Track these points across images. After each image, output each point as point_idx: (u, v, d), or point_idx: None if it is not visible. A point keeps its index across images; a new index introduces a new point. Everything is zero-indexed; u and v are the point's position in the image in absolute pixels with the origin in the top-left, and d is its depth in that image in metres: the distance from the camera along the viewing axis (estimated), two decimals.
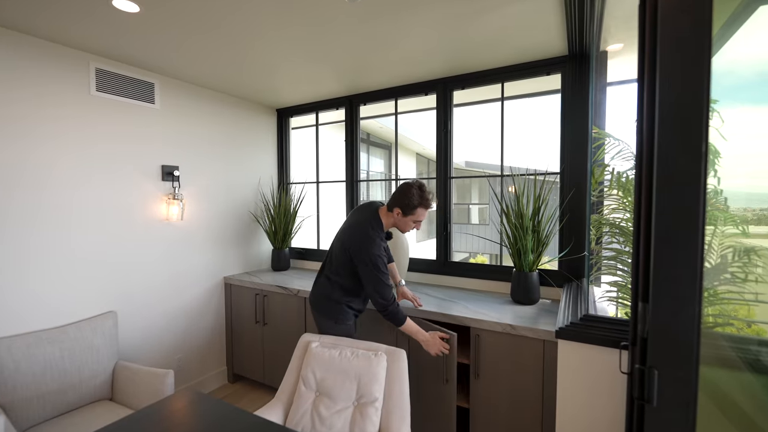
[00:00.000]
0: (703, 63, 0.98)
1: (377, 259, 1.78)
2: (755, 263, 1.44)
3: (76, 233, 2.13)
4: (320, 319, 1.98)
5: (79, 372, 1.97)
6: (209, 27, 1.85)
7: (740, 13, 1.25)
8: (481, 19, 1.79)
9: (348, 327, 1.98)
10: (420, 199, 1.83)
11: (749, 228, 1.44)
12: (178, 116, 2.63)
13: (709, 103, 1.00)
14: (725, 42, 1.24)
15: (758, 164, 1.27)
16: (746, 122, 1.24)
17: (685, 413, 1.03)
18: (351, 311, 1.98)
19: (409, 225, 1.90)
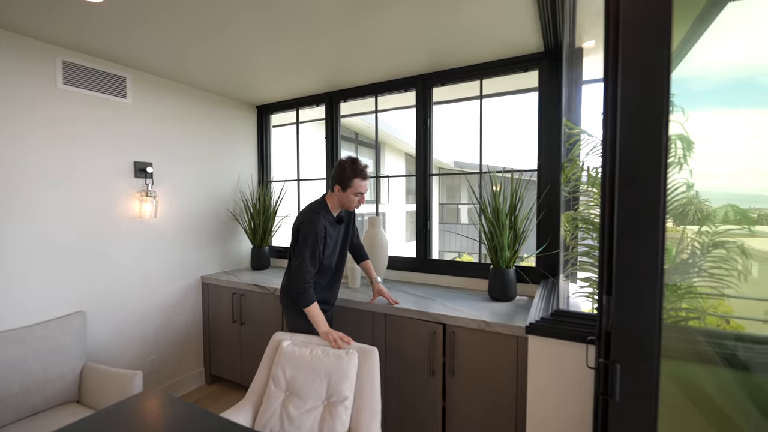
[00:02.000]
0: (663, 59, 0.98)
1: (316, 236, 1.80)
2: (729, 258, 1.45)
3: (45, 231, 2.06)
4: (286, 313, 1.99)
5: (44, 373, 1.91)
6: (179, 19, 1.80)
7: (707, 12, 1.25)
8: (458, 12, 1.77)
9: (308, 325, 1.91)
10: (353, 171, 1.86)
11: (728, 227, 1.45)
12: (152, 112, 2.57)
13: (669, 99, 1.00)
14: (694, 43, 1.24)
15: (738, 165, 1.28)
16: (725, 125, 1.25)
17: (646, 407, 1.02)
18: (318, 299, 1.93)
19: (351, 199, 1.90)
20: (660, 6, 0.98)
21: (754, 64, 1.14)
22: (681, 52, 1.20)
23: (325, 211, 1.92)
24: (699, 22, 1.23)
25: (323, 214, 1.88)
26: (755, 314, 1.46)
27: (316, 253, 1.83)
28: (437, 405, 1.95)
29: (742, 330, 1.40)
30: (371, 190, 8.06)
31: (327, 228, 1.87)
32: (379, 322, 2.13)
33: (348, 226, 2.12)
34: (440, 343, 1.93)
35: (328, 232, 1.89)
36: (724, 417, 1.18)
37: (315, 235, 1.81)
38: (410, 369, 2.03)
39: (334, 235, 1.97)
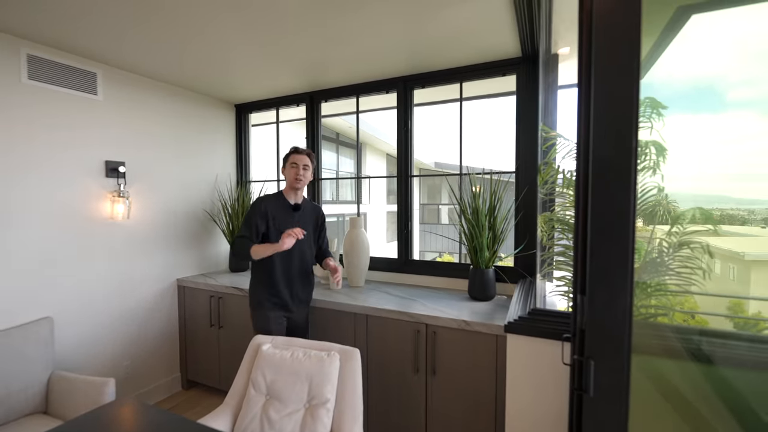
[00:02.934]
0: (632, 65, 1.02)
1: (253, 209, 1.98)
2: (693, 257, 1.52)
3: (8, 233, 1.95)
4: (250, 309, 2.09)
5: (6, 384, 1.81)
6: (155, 13, 1.75)
7: (674, 23, 1.31)
8: (437, 16, 1.79)
9: (264, 317, 1.99)
10: (289, 150, 2.08)
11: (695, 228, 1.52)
12: (125, 109, 2.48)
13: (638, 102, 1.04)
14: (661, 52, 1.30)
15: (701, 168, 1.35)
16: (688, 129, 1.31)
17: (618, 402, 1.06)
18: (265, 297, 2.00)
19: (290, 172, 2.03)
20: (630, 14, 1.02)
21: (713, 74, 1.20)
22: (650, 59, 1.25)
23: (276, 196, 2.06)
24: (666, 31, 1.28)
25: (270, 196, 2.06)
26: (718, 310, 1.55)
27: (250, 220, 1.95)
28: (421, 403, 1.96)
29: (707, 325, 1.48)
30: (353, 190, 8.02)
31: (269, 207, 1.99)
32: (360, 323, 2.13)
33: (315, 221, 2.18)
34: (423, 341, 1.94)
35: (270, 210, 1.99)
36: (691, 408, 1.24)
37: (253, 207, 2.00)
38: (393, 369, 2.03)
39: (283, 218, 2.02)
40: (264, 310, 2.00)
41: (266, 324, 1.98)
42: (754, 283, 1.42)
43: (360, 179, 3.12)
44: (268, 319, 1.99)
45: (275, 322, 2.00)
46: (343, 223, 10.18)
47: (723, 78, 1.28)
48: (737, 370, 1.18)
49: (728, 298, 1.49)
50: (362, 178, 3.17)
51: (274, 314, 2.01)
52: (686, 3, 1.33)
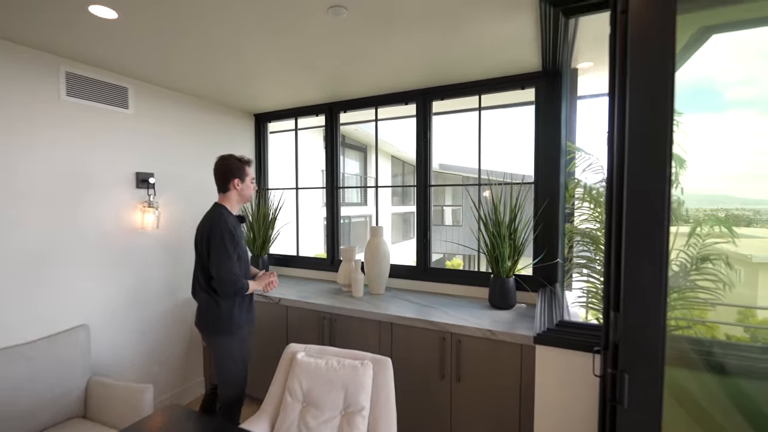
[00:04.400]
0: (667, 85, 1.06)
1: (225, 233, 1.82)
2: (714, 270, 1.58)
3: (48, 243, 2.03)
4: (213, 338, 1.90)
5: (51, 390, 1.89)
6: (187, 33, 1.81)
7: (694, 41, 1.36)
8: (461, 37, 1.85)
9: (240, 340, 1.93)
10: (239, 161, 1.98)
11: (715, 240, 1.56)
12: (153, 121, 2.55)
13: (673, 123, 1.09)
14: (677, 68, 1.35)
15: (704, 167, 1.39)
16: (690, 128, 1.34)
17: (652, 413, 1.12)
18: (242, 317, 1.93)
19: (250, 187, 2.01)
20: (665, 30, 1.05)
21: (713, 73, 1.25)
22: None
23: (227, 212, 1.93)
24: (685, 50, 1.34)
25: (225, 214, 1.91)
26: (729, 317, 1.59)
27: (234, 246, 1.84)
28: (446, 409, 2.03)
29: (732, 338, 1.53)
30: (358, 192, 8.06)
31: (234, 226, 1.90)
32: (385, 331, 2.19)
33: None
34: (448, 349, 2.01)
35: (235, 229, 1.90)
36: (712, 420, 1.30)
37: (227, 231, 1.82)
38: (418, 375, 2.10)
39: (240, 235, 1.97)
40: (241, 333, 1.94)
41: (241, 347, 1.94)
42: (762, 286, 1.46)
43: (378, 188, 3.19)
44: (242, 341, 1.96)
45: (246, 342, 2.00)
46: (350, 225, 10.26)
47: (722, 77, 1.33)
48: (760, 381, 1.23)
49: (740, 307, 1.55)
50: (380, 187, 3.24)
51: (246, 330, 1.99)
52: (708, 23, 1.39)
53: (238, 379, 1.96)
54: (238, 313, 1.91)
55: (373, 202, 11.06)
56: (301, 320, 2.50)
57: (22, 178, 1.93)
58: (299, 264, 3.29)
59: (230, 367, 1.92)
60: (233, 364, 1.92)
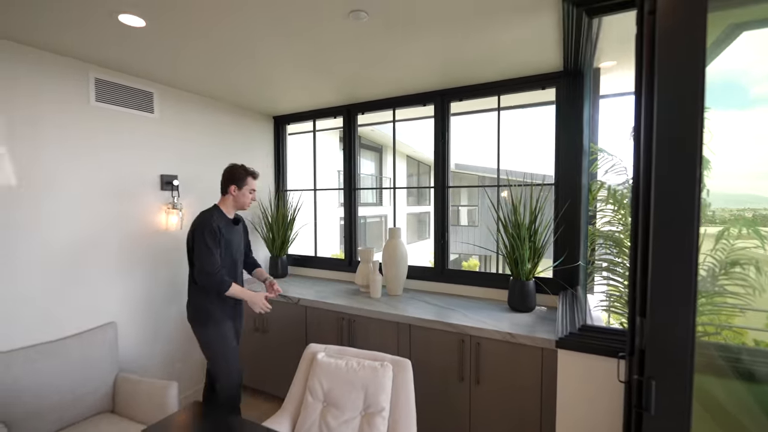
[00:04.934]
0: (697, 85, 1.03)
1: (206, 231, 1.92)
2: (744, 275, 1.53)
3: (77, 243, 2.11)
4: (193, 328, 2.05)
5: (80, 385, 1.96)
6: (209, 39, 1.86)
7: (724, 38, 1.32)
8: (481, 39, 1.85)
9: (218, 330, 2.00)
10: (245, 171, 2.10)
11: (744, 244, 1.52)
12: (177, 125, 2.62)
13: (703, 125, 1.06)
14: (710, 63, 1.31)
15: (730, 165, 1.34)
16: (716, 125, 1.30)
17: (680, 421, 1.10)
18: (217, 309, 2.01)
19: (247, 196, 2.11)
20: (695, 30, 1.02)
21: (739, 68, 1.20)
22: None
23: (218, 213, 2.04)
24: (714, 46, 1.30)
25: (215, 214, 2.02)
26: (758, 323, 1.54)
27: (214, 243, 1.93)
28: (465, 411, 2.02)
29: (762, 343, 1.48)
30: (376, 194, 8.09)
31: (220, 226, 1.98)
32: (404, 332, 2.20)
33: (245, 232, 2.29)
34: (468, 351, 2.00)
35: (222, 229, 1.98)
36: (738, 426, 1.26)
37: (210, 228, 1.92)
38: (436, 377, 2.10)
39: (231, 236, 2.05)
40: (218, 324, 2.01)
41: (224, 340, 2.01)
42: None
43: (395, 189, 3.20)
44: (225, 334, 2.02)
45: (230, 336, 2.06)
46: (365, 225, 10.30)
47: (749, 73, 1.28)
48: None
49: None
50: (398, 188, 3.24)
51: (227, 326, 2.06)
52: (739, 21, 1.35)
53: (224, 373, 2.02)
54: (213, 308, 2.01)
55: (388, 202, 11.11)
56: (319, 320, 2.53)
57: (54, 182, 2.01)
58: (317, 264, 3.33)
59: (213, 357, 2.02)
60: (214, 354, 2.02)
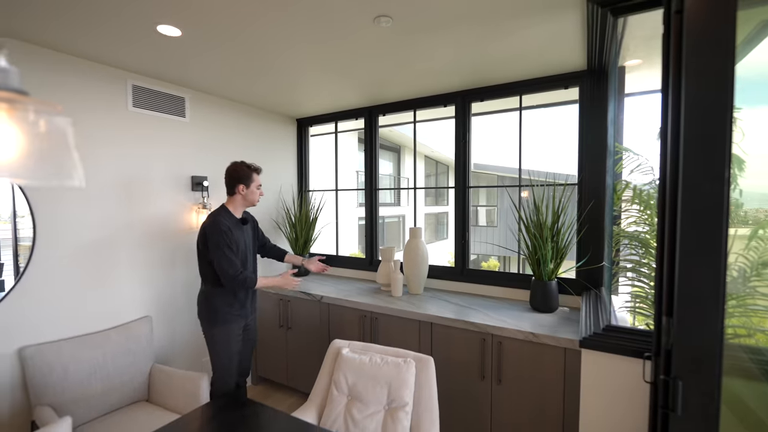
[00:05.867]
0: (727, 86, 1.03)
1: (221, 237, 1.93)
2: None
3: (116, 241, 2.24)
4: (202, 325, 2.08)
5: (120, 375, 2.08)
6: (241, 46, 1.94)
7: (754, 36, 1.30)
8: (503, 40, 1.86)
9: (226, 333, 2.02)
10: (248, 168, 2.09)
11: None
12: (206, 128, 2.73)
13: (732, 126, 1.05)
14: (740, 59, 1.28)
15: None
16: (750, 122, 1.27)
17: (708, 423, 1.09)
18: (228, 309, 2.03)
19: (255, 193, 2.11)
20: (724, 30, 1.02)
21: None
22: None
23: (226, 214, 2.05)
24: (744, 44, 1.28)
25: (223, 215, 2.03)
26: None
27: (229, 245, 1.95)
28: (486, 409, 2.04)
29: None
30: (394, 194, 8.12)
31: (230, 227, 2.00)
32: (425, 330, 2.23)
33: (255, 230, 2.29)
34: (489, 350, 2.02)
35: (232, 230, 2.00)
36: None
37: (221, 231, 1.94)
38: (458, 375, 2.12)
39: (240, 235, 2.06)
40: (228, 325, 2.04)
41: (229, 341, 2.04)
42: None
43: (416, 189, 3.23)
44: (230, 335, 2.04)
45: (236, 336, 2.07)
46: (383, 225, 10.35)
47: None
48: None
49: None
50: (418, 188, 3.28)
51: (237, 326, 2.08)
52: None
53: (222, 370, 2.05)
54: (225, 308, 2.03)
55: (406, 202, 11.14)
56: (342, 318, 2.59)
57: (94, 184, 2.14)
58: (338, 263, 3.39)
59: (213, 355, 2.06)
60: (215, 353, 2.05)
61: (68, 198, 2.03)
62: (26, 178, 0.57)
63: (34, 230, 1.93)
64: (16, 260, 1.93)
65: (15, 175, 0.57)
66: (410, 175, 11.34)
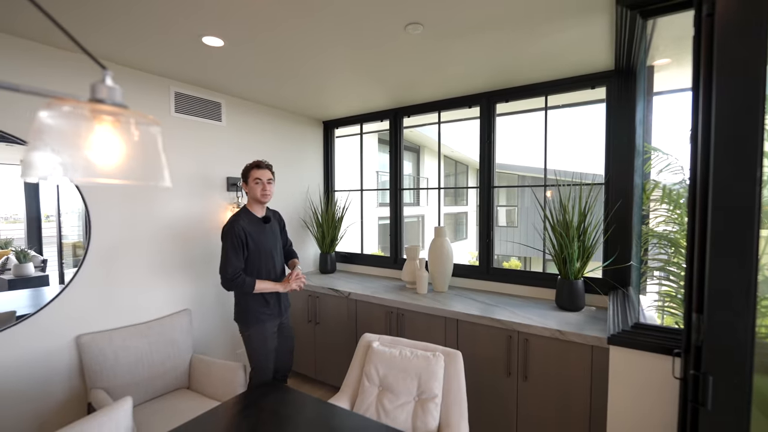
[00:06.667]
0: (759, 85, 1.05)
1: (229, 239, 2.00)
2: None
3: (157, 238, 2.39)
4: (238, 325, 2.15)
5: (163, 363, 2.23)
6: (277, 54, 2.05)
7: None
8: (534, 44, 1.90)
9: (261, 334, 2.08)
10: (248, 166, 2.14)
11: None
12: (240, 131, 2.87)
13: (764, 126, 1.07)
14: None
15: None
16: None
17: (739, 417, 1.11)
18: (261, 309, 2.09)
19: (254, 187, 2.10)
20: (756, 32, 1.03)
21: None
22: None
23: (244, 213, 2.11)
24: None
25: (241, 215, 2.09)
26: None
27: (235, 248, 2.00)
28: (512, 405, 2.08)
29: None
30: (414, 194, 8.14)
31: (245, 226, 2.05)
32: (451, 327, 2.29)
33: (281, 227, 2.34)
34: (515, 347, 2.06)
35: (247, 229, 2.05)
36: None
37: (229, 232, 2.01)
38: (484, 371, 2.17)
39: (259, 234, 2.10)
40: (262, 325, 2.09)
41: (264, 340, 2.10)
42: None
43: (440, 189, 3.28)
44: (265, 334, 2.10)
45: (271, 335, 2.13)
46: (408, 225, 10.41)
47: None
48: None
49: None
50: (442, 188, 3.33)
51: (270, 325, 2.13)
52: None
53: (258, 368, 2.12)
54: (258, 309, 2.09)
55: (425, 202, 11.16)
56: (369, 314, 2.67)
57: (140, 189, 2.29)
58: (363, 261, 3.48)
59: (250, 354, 2.13)
60: (252, 352, 2.12)
61: (118, 199, 2.19)
62: (129, 179, 0.67)
63: (89, 229, 2.09)
64: (60, 257, 2.08)
65: (121, 176, 0.67)
66: (429, 175, 11.35)
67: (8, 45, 1.78)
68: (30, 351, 1.90)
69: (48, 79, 1.91)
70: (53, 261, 2.08)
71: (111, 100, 0.66)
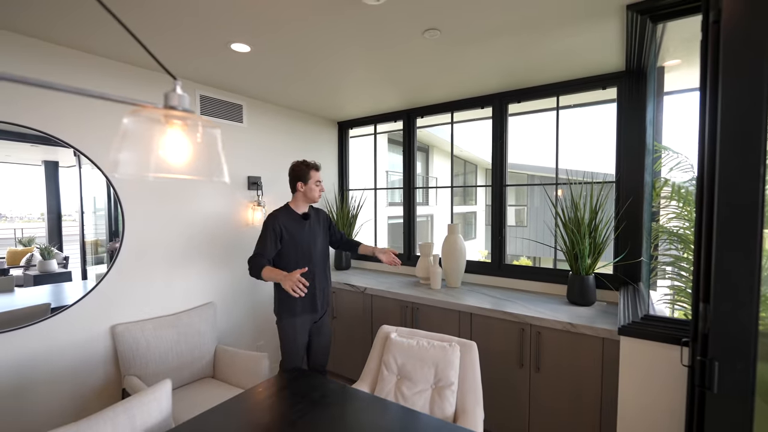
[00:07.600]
0: (762, 86, 1.12)
1: (268, 228, 2.11)
2: None
3: (183, 234, 2.51)
4: (276, 317, 2.21)
5: (191, 353, 2.34)
6: (298, 58, 2.14)
7: None
8: (546, 47, 1.97)
9: (291, 326, 2.14)
10: (306, 166, 2.21)
11: None
12: (260, 132, 2.98)
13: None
14: None
15: None
16: None
17: (743, 400, 1.18)
18: (288, 300, 2.12)
19: (314, 189, 2.21)
20: (761, 40, 1.10)
21: None
22: None
23: (286, 210, 2.20)
24: None
25: (281, 212, 2.19)
26: None
27: (267, 240, 2.09)
28: (524, 396, 2.16)
29: None
30: (423, 193, 8.13)
31: (284, 222, 2.14)
32: (465, 320, 2.37)
33: (325, 224, 2.39)
34: (528, 340, 2.13)
35: (285, 225, 2.14)
36: None
37: (267, 228, 2.12)
38: (497, 363, 2.25)
39: (297, 229, 2.17)
40: (293, 318, 2.15)
41: (294, 333, 2.15)
42: None
43: (452, 188, 3.36)
44: (295, 328, 2.15)
45: (302, 329, 2.17)
46: (420, 223, 10.48)
47: None
48: None
49: None
50: (455, 187, 3.40)
51: (302, 319, 2.17)
52: None
53: (288, 357, 2.18)
54: (291, 301, 2.13)
55: (434, 202, 11.22)
56: (384, 308, 2.76)
57: (168, 184, 2.41)
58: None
59: (283, 344, 2.19)
60: (283, 342, 2.19)
61: (148, 197, 2.31)
62: (196, 175, 0.77)
63: (123, 226, 2.22)
64: (83, 254, 2.15)
65: (188, 173, 0.77)
66: (438, 175, 11.40)
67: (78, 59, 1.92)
68: (68, 339, 2.02)
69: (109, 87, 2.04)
70: (74, 258, 2.17)
71: (181, 107, 0.76)
